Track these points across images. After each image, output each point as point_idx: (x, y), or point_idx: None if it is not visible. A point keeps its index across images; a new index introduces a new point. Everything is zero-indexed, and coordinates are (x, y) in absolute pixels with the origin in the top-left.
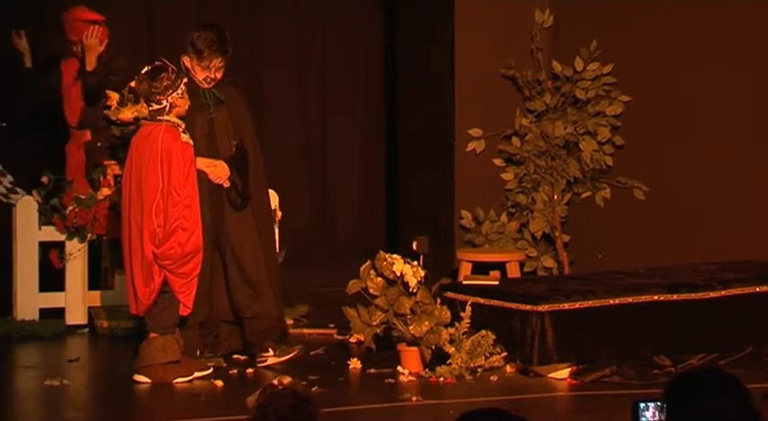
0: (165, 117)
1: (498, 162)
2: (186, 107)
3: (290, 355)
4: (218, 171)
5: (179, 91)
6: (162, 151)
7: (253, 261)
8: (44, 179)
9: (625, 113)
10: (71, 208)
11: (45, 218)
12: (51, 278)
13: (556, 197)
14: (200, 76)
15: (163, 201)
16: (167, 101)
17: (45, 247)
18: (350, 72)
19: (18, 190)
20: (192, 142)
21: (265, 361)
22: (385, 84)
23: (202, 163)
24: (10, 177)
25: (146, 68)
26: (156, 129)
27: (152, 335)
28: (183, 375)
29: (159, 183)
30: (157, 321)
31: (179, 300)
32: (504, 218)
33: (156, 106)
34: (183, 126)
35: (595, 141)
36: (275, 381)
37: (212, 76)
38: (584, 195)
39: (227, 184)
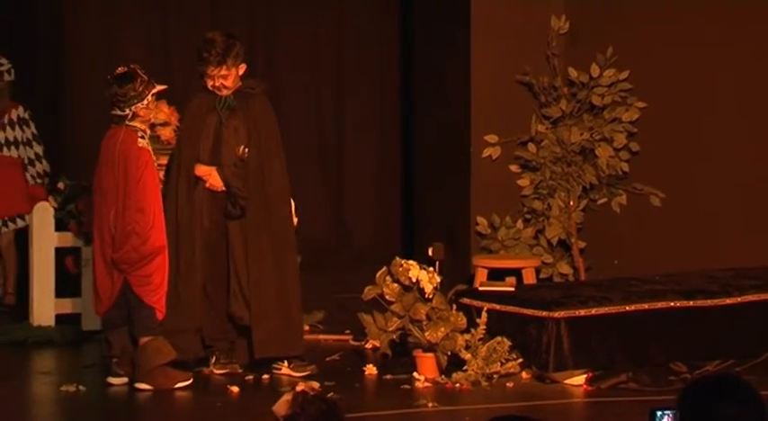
0: (129, 123)
1: (514, 168)
2: (152, 115)
3: (305, 373)
4: (212, 179)
5: (144, 102)
6: (119, 155)
7: (256, 270)
8: (60, 185)
9: (641, 120)
10: (87, 213)
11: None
12: (67, 284)
13: (572, 203)
14: (208, 84)
15: (119, 204)
16: (130, 110)
17: (61, 253)
18: (366, 78)
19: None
20: (149, 147)
21: (280, 370)
22: (401, 90)
23: (199, 170)
24: (46, 164)
25: (119, 70)
26: (117, 132)
27: (142, 340)
28: (183, 380)
29: (115, 187)
30: (139, 325)
31: (148, 304)
32: (520, 224)
33: (118, 112)
34: (146, 131)
35: (611, 147)
36: (305, 387)
37: (217, 84)
38: (600, 201)
39: (222, 189)
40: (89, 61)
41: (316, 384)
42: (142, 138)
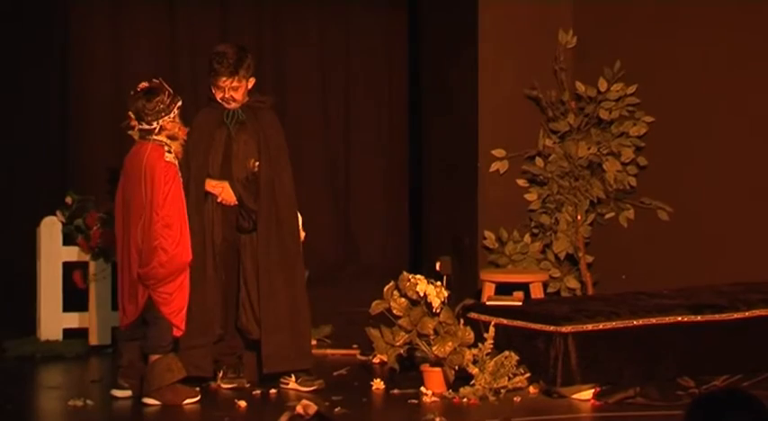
0: (155, 137)
1: (522, 182)
2: (176, 130)
3: (312, 388)
4: (224, 193)
5: (171, 115)
6: (146, 170)
7: (266, 284)
8: (68, 199)
9: (649, 134)
10: (95, 228)
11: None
12: (75, 298)
13: (579, 218)
14: (217, 96)
15: (146, 220)
16: (158, 123)
17: (69, 268)
18: (374, 93)
19: None
20: (176, 162)
21: (287, 384)
22: (409, 104)
23: (210, 184)
24: None
25: (143, 85)
26: (143, 147)
27: (153, 357)
28: (192, 397)
29: (143, 202)
30: (152, 342)
31: (168, 321)
32: (527, 238)
33: (146, 126)
34: (171, 146)
35: (619, 162)
36: (300, 409)
37: (227, 95)
38: (607, 216)
39: (235, 203)
40: (97, 76)
41: (314, 406)
42: (169, 152)
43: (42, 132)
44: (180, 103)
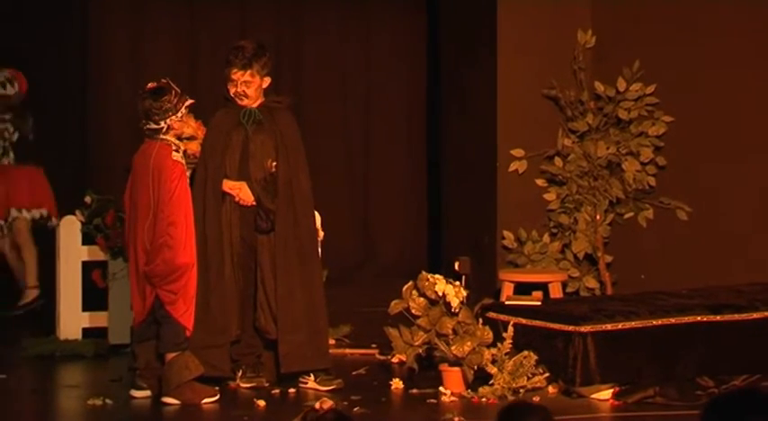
0: (162, 136)
1: (541, 182)
2: (184, 130)
3: (331, 388)
4: (242, 194)
5: (178, 114)
6: (153, 168)
7: (284, 284)
8: (87, 199)
9: (668, 134)
10: (114, 227)
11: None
12: (94, 297)
13: (598, 217)
14: (231, 91)
15: (152, 217)
16: (165, 123)
17: (88, 267)
18: (393, 93)
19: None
20: (183, 161)
21: (306, 384)
22: (428, 104)
23: (227, 185)
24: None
25: (150, 85)
26: (151, 146)
27: (169, 356)
28: (210, 396)
29: (149, 200)
30: (166, 340)
31: (176, 320)
32: (546, 238)
33: (153, 126)
34: (189, 146)
35: (638, 162)
36: (317, 405)
37: (239, 90)
38: (626, 216)
39: (253, 203)
40: (116, 76)
41: (329, 402)
42: (176, 151)
43: (62, 132)
44: (189, 103)
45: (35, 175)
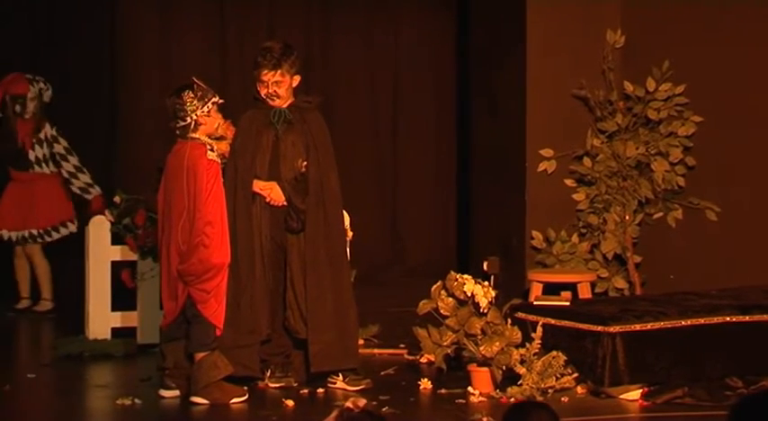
0: (193, 134)
1: (570, 182)
2: (215, 126)
3: (359, 387)
4: (273, 194)
5: (204, 109)
6: (187, 168)
7: (313, 284)
8: (117, 199)
9: (697, 134)
10: (144, 227)
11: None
12: (123, 297)
13: (627, 218)
14: (261, 92)
15: (188, 217)
16: (191, 118)
17: (117, 267)
18: (421, 93)
19: (95, 186)
20: (218, 160)
21: (335, 384)
22: (457, 104)
23: (258, 185)
24: (87, 174)
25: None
26: (184, 146)
27: (198, 356)
28: (239, 395)
29: (184, 200)
30: (195, 340)
31: (207, 319)
32: (575, 238)
33: (181, 123)
34: (213, 144)
35: (667, 162)
36: (350, 404)
37: (270, 90)
38: (655, 216)
39: (284, 203)
40: (145, 76)
41: (363, 400)
42: (211, 151)
43: (91, 132)
44: (216, 99)
45: (54, 186)
